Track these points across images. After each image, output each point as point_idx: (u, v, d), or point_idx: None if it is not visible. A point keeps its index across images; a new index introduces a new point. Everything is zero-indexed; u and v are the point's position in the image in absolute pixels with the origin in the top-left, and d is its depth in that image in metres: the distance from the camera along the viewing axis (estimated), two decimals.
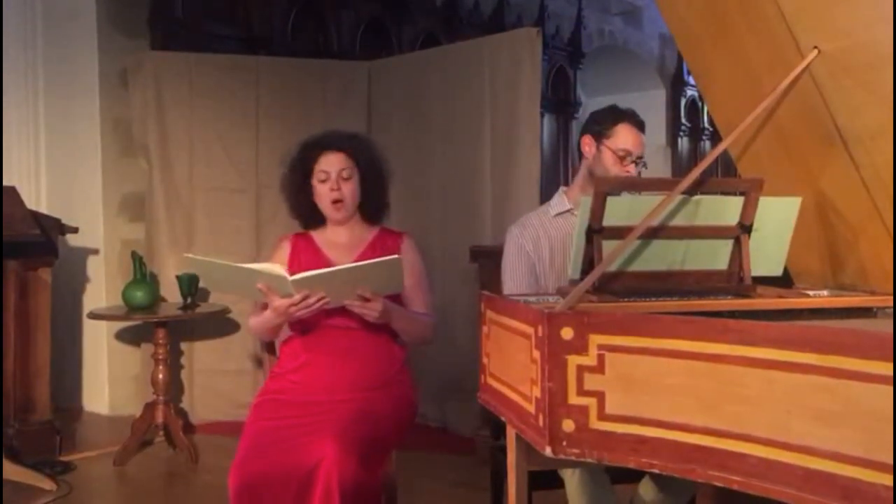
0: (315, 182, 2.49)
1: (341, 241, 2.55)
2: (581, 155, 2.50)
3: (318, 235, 2.57)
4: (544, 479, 2.24)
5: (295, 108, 4.76)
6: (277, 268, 2.28)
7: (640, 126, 2.46)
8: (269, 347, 2.65)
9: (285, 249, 2.56)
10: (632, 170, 2.42)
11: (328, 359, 2.41)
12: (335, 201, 2.47)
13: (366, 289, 2.25)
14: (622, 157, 2.40)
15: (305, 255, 2.52)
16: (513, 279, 2.46)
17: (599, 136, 2.44)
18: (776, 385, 1.30)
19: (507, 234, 2.54)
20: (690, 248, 1.88)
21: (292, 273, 2.26)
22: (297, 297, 2.22)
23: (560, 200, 2.53)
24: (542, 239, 2.47)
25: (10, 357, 3.83)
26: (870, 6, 1.55)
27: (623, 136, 2.41)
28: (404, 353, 2.54)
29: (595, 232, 1.79)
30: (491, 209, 4.26)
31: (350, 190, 2.48)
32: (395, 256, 2.25)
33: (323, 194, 2.48)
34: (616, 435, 1.46)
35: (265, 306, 2.38)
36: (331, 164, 2.47)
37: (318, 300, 2.24)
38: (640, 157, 2.44)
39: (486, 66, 4.29)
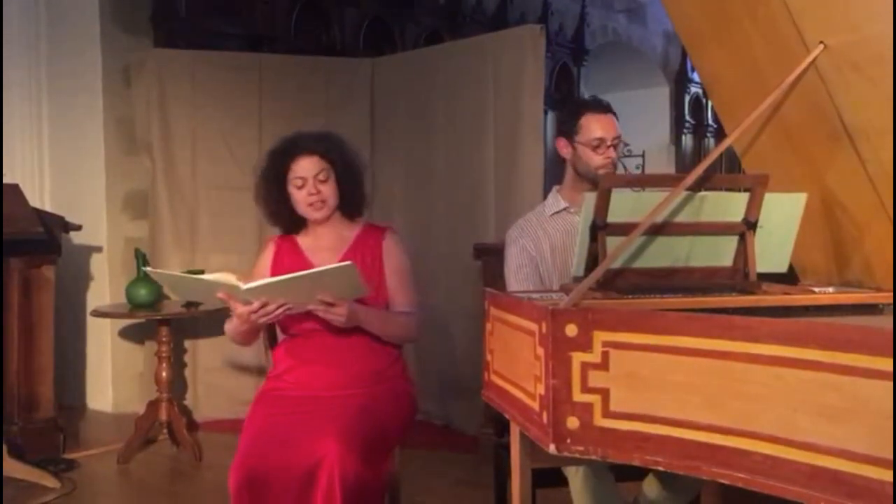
0: (292, 189, 2.45)
1: (324, 243, 2.52)
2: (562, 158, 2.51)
3: (303, 238, 2.55)
4: (548, 477, 2.23)
5: (298, 105, 4.75)
6: (231, 277, 2.26)
7: (603, 109, 2.46)
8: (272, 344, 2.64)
9: (269, 252, 2.56)
10: (612, 154, 2.43)
11: (320, 358, 2.40)
12: (312, 204, 2.44)
13: (327, 294, 2.23)
14: (596, 147, 2.41)
15: (288, 258, 2.51)
16: (517, 279, 2.46)
17: (570, 135, 2.45)
18: (782, 382, 1.29)
19: (506, 238, 2.54)
20: (695, 245, 1.87)
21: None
22: (256, 304, 2.22)
23: (555, 199, 2.53)
24: (542, 239, 2.47)
25: (14, 355, 3.84)
26: (875, 0, 1.54)
27: (590, 126, 2.42)
28: (397, 349, 2.53)
29: (599, 228, 1.78)
30: (494, 206, 4.25)
31: (329, 191, 2.45)
32: (348, 263, 2.20)
33: (300, 199, 2.45)
34: (620, 432, 1.45)
35: None
36: (305, 170, 2.42)
37: (279, 307, 2.23)
38: (617, 138, 2.44)
39: (489, 64, 4.28)
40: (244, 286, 2.18)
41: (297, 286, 2.22)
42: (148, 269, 2.41)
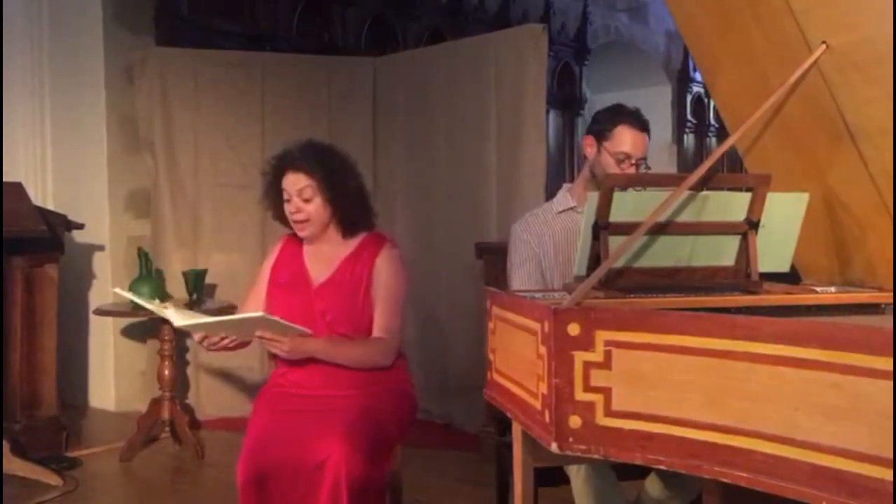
0: (284, 199, 2.45)
1: (323, 254, 2.50)
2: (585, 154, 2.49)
3: (307, 244, 2.53)
4: (550, 476, 2.23)
5: (300, 104, 4.76)
6: (163, 310, 2.31)
7: (641, 126, 2.41)
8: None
9: (274, 254, 2.57)
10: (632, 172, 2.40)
11: (320, 359, 2.38)
12: (297, 221, 2.43)
13: (266, 331, 2.24)
14: (620, 161, 2.37)
15: (288, 262, 2.52)
16: (519, 276, 2.46)
17: (600, 138, 2.41)
18: (783, 381, 1.29)
19: (511, 233, 2.53)
20: (697, 244, 1.87)
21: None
22: (197, 337, 2.31)
23: (564, 198, 2.53)
24: (546, 236, 2.47)
25: (17, 353, 3.84)
26: (877, 1, 1.54)
27: (622, 139, 2.38)
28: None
29: (601, 228, 1.78)
30: (496, 206, 4.26)
31: (313, 209, 2.40)
32: (259, 314, 2.23)
33: (288, 214, 2.44)
34: (622, 431, 1.45)
35: None
36: (291, 184, 2.40)
37: (222, 339, 2.30)
38: (642, 159, 2.40)
39: (491, 63, 4.28)
40: (176, 323, 2.24)
41: (224, 327, 2.29)
42: (117, 289, 2.51)
